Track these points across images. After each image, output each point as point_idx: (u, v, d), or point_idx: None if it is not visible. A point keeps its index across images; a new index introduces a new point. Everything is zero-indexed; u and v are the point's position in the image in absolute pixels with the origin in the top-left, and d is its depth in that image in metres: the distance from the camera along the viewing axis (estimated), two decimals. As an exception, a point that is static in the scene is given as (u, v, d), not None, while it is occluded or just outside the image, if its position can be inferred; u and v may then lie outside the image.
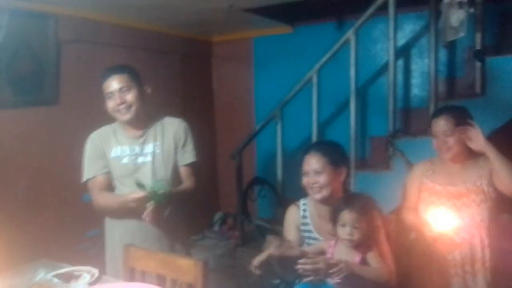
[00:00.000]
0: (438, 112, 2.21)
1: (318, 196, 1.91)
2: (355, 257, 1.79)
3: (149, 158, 2.06)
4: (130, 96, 2.01)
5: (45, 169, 3.07)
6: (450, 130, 2.07)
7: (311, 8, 3.67)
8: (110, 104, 2.02)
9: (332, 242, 1.86)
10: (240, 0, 3.24)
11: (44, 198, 3.07)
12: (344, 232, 1.78)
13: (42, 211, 3.04)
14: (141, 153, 2.06)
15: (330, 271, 1.69)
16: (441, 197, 2.12)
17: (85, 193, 2.14)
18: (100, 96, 2.08)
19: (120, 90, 2.00)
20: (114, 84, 2.00)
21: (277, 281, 2.42)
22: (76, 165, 2.17)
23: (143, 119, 2.08)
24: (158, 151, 2.07)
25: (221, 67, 4.76)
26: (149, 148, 2.07)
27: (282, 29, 4.29)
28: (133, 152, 2.06)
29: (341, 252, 1.82)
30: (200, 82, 4.64)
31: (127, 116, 2.02)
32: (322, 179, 1.89)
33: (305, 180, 1.94)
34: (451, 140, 2.07)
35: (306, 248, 1.94)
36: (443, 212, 2.07)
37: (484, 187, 2.07)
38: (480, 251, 2.04)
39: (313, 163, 1.91)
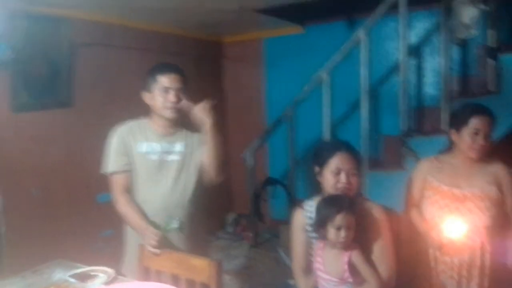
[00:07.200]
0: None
1: None
2: (344, 258, 1.75)
3: (177, 157, 2.07)
4: (183, 97, 2.04)
5: (60, 170, 3.11)
6: None
7: (321, 8, 3.66)
8: (162, 99, 2.01)
9: (322, 245, 1.80)
10: (250, 1, 3.25)
11: (58, 199, 3.11)
12: (339, 235, 1.71)
13: (57, 212, 3.09)
14: (170, 151, 2.07)
15: None
16: (445, 198, 2.05)
17: (100, 193, 2.15)
18: (113, 98, 2.08)
19: (179, 89, 2.03)
20: (175, 81, 2.02)
21: (291, 281, 2.42)
22: (90, 166, 2.19)
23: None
24: (187, 150, 2.09)
25: (233, 68, 4.78)
26: (178, 147, 2.08)
27: (293, 29, 4.29)
28: (162, 149, 2.06)
29: (330, 256, 1.78)
30: (211, 83, 4.65)
31: (174, 115, 2.05)
32: (355, 181, 1.79)
33: (336, 179, 1.79)
34: None
35: None
36: (451, 218, 1.99)
37: (491, 194, 2.00)
38: (480, 257, 1.98)
39: (348, 162, 1.79)
